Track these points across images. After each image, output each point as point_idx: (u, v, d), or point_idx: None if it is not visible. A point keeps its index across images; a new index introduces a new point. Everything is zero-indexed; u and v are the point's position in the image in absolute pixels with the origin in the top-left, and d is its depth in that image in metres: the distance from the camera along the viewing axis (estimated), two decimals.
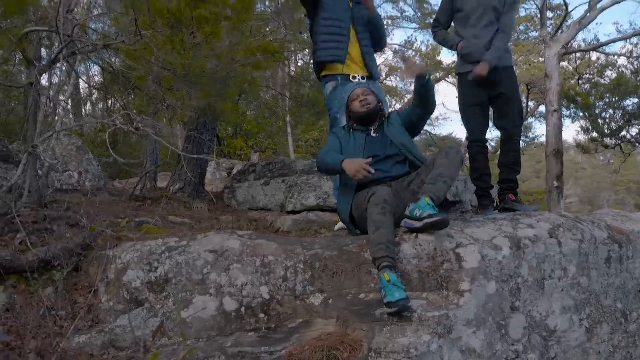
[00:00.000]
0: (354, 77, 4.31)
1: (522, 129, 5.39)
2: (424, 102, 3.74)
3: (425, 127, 25.09)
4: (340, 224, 4.36)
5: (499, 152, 4.66)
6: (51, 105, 3.98)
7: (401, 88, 26.70)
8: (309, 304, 3.00)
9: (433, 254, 3.04)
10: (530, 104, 20.02)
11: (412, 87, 3.97)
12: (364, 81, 4.17)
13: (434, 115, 24.64)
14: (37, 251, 3.35)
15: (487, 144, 4.71)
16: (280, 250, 3.15)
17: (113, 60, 4.43)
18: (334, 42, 4.33)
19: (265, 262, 3.10)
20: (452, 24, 4.78)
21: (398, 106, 25.94)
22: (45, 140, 3.66)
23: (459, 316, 2.75)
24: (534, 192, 17.75)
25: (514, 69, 4.91)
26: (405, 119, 3.87)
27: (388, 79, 26.11)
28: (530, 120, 21.12)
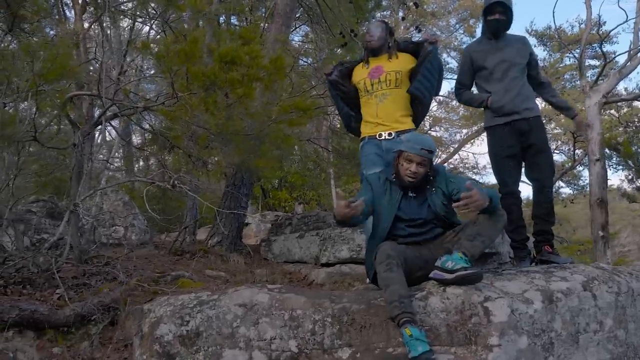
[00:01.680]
0: (380, 135, 4.39)
1: (561, 179, 5.38)
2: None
3: (473, 176, 25.05)
4: None
5: (532, 204, 4.62)
6: (91, 165, 4.16)
7: (446, 138, 26.79)
8: (336, 357, 3.00)
9: (461, 307, 3.01)
10: (578, 151, 19.68)
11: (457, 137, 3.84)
12: (429, 143, 3.63)
13: (481, 164, 24.47)
14: (74, 306, 3.46)
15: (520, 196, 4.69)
16: (309, 304, 3.17)
17: (153, 121, 4.64)
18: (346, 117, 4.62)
19: (293, 315, 3.12)
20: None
21: (443, 156, 26.00)
22: (85, 199, 3.82)
23: None
24: (584, 241, 17.23)
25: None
26: (450, 196, 3.57)
27: (432, 129, 26.28)
28: (579, 168, 20.72)
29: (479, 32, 4.85)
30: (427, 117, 25.86)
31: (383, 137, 4.37)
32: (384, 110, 4.40)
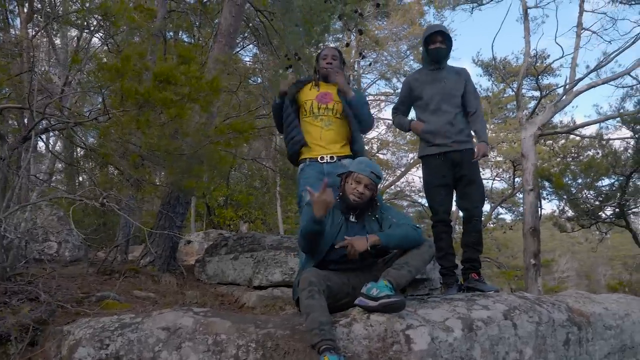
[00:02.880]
0: (322, 158, 4.44)
1: (501, 205, 5.56)
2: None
3: (419, 200, 25.45)
4: None
5: (462, 232, 4.75)
6: (20, 179, 4.05)
7: (393, 161, 27.19)
8: None
9: (383, 334, 3.05)
10: (517, 179, 20.30)
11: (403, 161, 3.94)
12: (378, 169, 3.83)
13: (422, 187, 24.94)
14: None
15: (451, 224, 4.82)
16: (233, 329, 3.15)
17: (86, 136, 4.55)
18: (296, 130, 4.54)
19: (217, 340, 3.08)
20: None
21: (390, 179, 26.35)
22: (9, 215, 3.70)
23: None
24: (522, 267, 17.73)
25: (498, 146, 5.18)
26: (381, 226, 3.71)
27: (380, 152, 26.64)
28: (519, 195, 21.34)
29: None
30: (376, 140, 26.35)
31: (325, 160, 4.43)
32: (328, 137, 4.49)
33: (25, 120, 6.61)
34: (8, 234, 3.85)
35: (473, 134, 4.82)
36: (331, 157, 4.44)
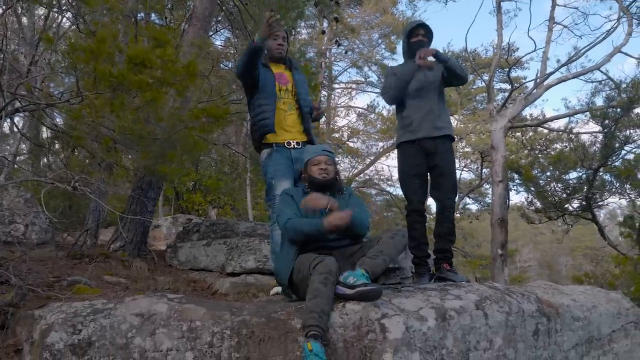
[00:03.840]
0: (289, 143, 4.43)
1: (468, 195, 5.60)
2: None
3: (387, 188, 25.62)
4: (276, 289, 4.36)
5: (435, 222, 4.79)
6: None
7: (363, 150, 27.27)
8: None
9: (359, 323, 3.07)
10: (485, 170, 20.56)
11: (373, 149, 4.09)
12: (327, 147, 4.17)
13: (395, 177, 25.14)
14: None
15: (425, 214, 4.86)
16: (208, 316, 3.13)
17: (58, 118, 4.46)
18: (263, 114, 4.47)
19: (192, 327, 3.07)
20: None
21: (359, 167, 26.47)
22: None
23: None
24: (487, 256, 18.03)
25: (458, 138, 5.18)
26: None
27: (350, 140, 26.69)
28: (486, 186, 21.62)
29: (399, 48, 4.97)
30: (346, 128, 26.40)
31: (292, 146, 4.42)
32: (292, 120, 4.49)
33: None
34: None
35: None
36: (297, 143, 4.44)
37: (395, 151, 5.03)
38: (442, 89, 4.85)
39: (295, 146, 4.42)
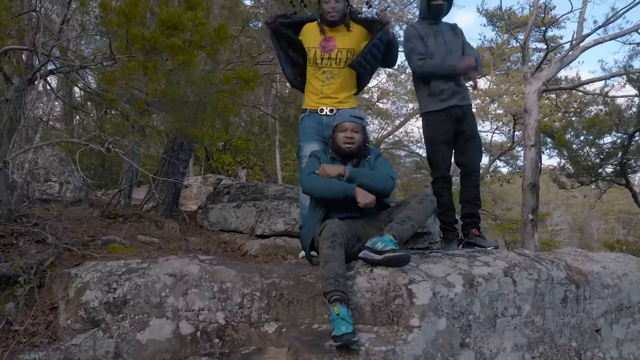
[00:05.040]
0: (322, 110, 4.42)
1: (499, 158, 5.57)
2: None
3: (416, 150, 25.46)
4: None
5: (460, 188, 4.77)
6: (25, 121, 4.03)
7: (392, 111, 27.04)
8: (263, 331, 3.06)
9: (386, 288, 3.11)
10: (517, 133, 20.25)
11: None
12: (358, 112, 4.11)
13: (420, 137, 24.94)
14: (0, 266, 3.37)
15: (451, 180, 4.84)
16: (238, 277, 3.20)
17: (91, 80, 4.51)
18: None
19: (222, 288, 3.14)
20: None
21: (389, 128, 26.30)
22: (16, 157, 3.70)
23: (406, 351, 2.82)
24: (517, 219, 17.91)
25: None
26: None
27: (380, 101, 26.46)
28: (519, 149, 21.31)
29: None
30: (376, 89, 26.12)
31: (324, 113, 4.41)
32: (329, 90, 4.44)
33: (25, 59, 6.52)
34: (13, 176, 3.85)
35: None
36: (330, 110, 4.41)
37: (418, 115, 5.01)
38: (461, 54, 4.78)
39: (328, 113, 4.40)
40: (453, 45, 4.72)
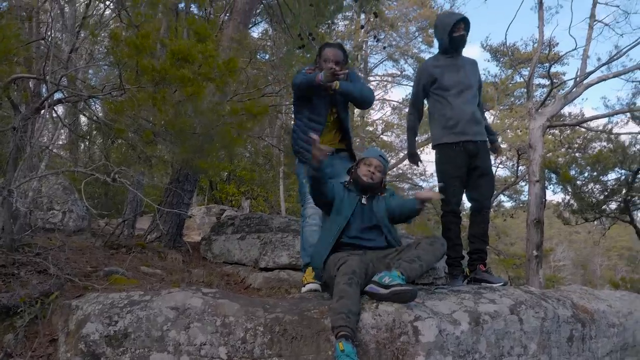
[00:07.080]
0: None
1: (503, 193, 5.64)
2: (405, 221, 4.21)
3: (420, 183, 25.46)
4: (309, 286, 4.36)
5: (469, 223, 4.74)
6: (31, 150, 4.04)
7: (396, 144, 27.13)
8: None
9: (391, 325, 3.07)
10: (521, 168, 20.23)
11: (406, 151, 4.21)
12: (383, 153, 4.26)
13: (428, 172, 24.98)
14: (0, 296, 3.34)
15: (460, 215, 4.82)
16: (242, 312, 3.16)
17: (99, 109, 4.53)
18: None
19: (225, 322, 3.10)
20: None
21: (393, 161, 26.34)
22: (20, 185, 3.70)
23: None
24: (521, 254, 17.78)
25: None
26: (390, 209, 3.99)
27: (384, 133, 26.59)
28: (522, 183, 21.30)
29: (436, 42, 4.91)
30: (380, 122, 26.29)
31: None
32: (329, 138, 4.53)
33: (32, 87, 6.56)
34: (17, 204, 3.84)
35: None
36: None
37: (429, 147, 5.05)
38: (477, 90, 4.80)
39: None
40: (472, 80, 4.75)
